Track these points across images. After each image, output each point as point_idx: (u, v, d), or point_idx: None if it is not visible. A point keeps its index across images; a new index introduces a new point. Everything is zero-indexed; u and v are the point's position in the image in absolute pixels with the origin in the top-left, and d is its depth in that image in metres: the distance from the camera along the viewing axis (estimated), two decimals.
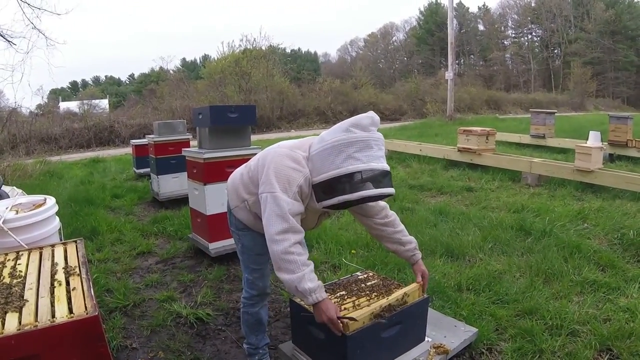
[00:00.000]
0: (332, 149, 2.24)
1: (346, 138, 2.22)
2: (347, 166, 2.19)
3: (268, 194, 2.31)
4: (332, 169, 2.22)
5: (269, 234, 2.28)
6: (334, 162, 2.22)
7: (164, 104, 24.99)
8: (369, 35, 76.38)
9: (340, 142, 2.23)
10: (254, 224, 2.71)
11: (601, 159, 8.09)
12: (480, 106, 36.60)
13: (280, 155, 2.39)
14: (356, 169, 2.18)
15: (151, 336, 3.60)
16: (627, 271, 4.37)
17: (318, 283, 2.32)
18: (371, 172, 2.19)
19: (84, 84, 72.59)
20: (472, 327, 3.25)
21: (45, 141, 19.07)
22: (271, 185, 2.31)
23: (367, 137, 2.24)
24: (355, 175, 2.17)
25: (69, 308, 1.83)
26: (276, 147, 2.51)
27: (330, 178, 2.22)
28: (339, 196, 2.21)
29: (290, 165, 2.34)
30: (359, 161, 2.19)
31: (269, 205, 2.30)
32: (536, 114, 14.05)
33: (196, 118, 5.12)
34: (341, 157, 2.21)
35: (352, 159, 2.19)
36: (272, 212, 2.28)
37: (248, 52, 27.55)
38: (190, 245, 5.54)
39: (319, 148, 2.30)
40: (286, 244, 2.25)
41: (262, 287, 2.89)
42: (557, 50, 65.32)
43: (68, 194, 8.16)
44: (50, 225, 3.22)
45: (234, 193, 2.76)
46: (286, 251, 2.25)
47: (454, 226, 5.78)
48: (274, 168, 2.34)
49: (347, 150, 2.21)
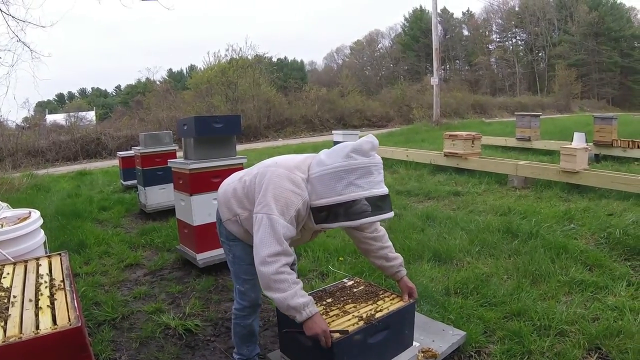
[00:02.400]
0: (334, 175, 2.26)
1: (347, 165, 2.25)
2: (349, 193, 2.22)
3: (264, 215, 2.31)
4: (333, 195, 2.25)
5: (260, 256, 2.29)
6: (334, 188, 2.25)
7: (151, 115, 24.98)
8: (354, 42, 76.75)
9: (341, 169, 2.25)
10: (245, 237, 2.72)
11: (586, 159, 8.16)
12: (467, 111, 36.86)
13: (279, 177, 2.38)
14: (359, 196, 2.21)
15: (140, 348, 3.58)
16: (614, 270, 4.41)
17: (309, 298, 2.34)
18: (372, 198, 2.23)
19: (70, 96, 72.22)
20: (460, 331, 3.26)
21: (32, 154, 18.98)
22: (269, 207, 2.31)
23: (367, 163, 2.26)
24: (357, 202, 2.21)
25: (53, 320, 1.83)
26: (274, 165, 2.50)
27: (332, 204, 2.26)
28: (341, 222, 2.26)
29: (289, 188, 2.34)
30: (360, 188, 2.23)
31: (263, 227, 2.30)
32: (521, 116, 14.16)
33: (181, 129, 5.12)
34: (342, 183, 2.24)
35: (353, 185, 2.23)
36: (266, 233, 2.29)
37: (234, 62, 27.62)
38: (178, 256, 5.52)
39: (319, 172, 2.32)
40: (277, 265, 2.26)
41: (254, 298, 2.86)
42: (542, 54, 66.00)
43: (55, 207, 8.12)
44: (35, 238, 3.21)
45: (225, 206, 2.74)
46: (277, 272, 2.26)
47: (441, 230, 5.80)
48: (272, 189, 2.34)
49: (348, 177, 2.24)
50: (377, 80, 66.21)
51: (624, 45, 60.84)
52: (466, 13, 72.06)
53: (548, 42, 63.90)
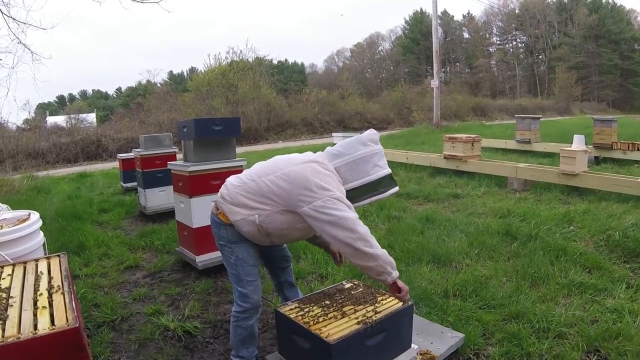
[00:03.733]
0: (362, 160, 2.71)
1: (370, 150, 2.74)
2: (376, 172, 2.72)
3: (329, 197, 2.56)
4: (365, 177, 2.70)
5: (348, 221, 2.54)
6: (365, 170, 2.70)
7: (151, 118, 24.96)
8: (355, 45, 76.70)
9: (367, 154, 2.73)
10: (255, 236, 2.79)
11: (586, 162, 8.16)
12: (467, 113, 36.90)
13: (316, 170, 2.64)
14: (384, 173, 2.74)
15: (139, 350, 3.58)
16: (613, 272, 4.41)
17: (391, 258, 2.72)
18: (388, 175, 2.76)
19: (71, 98, 72.20)
20: (458, 333, 3.27)
21: (33, 156, 18.98)
22: (328, 191, 2.57)
23: (380, 149, 2.80)
24: (384, 179, 2.74)
25: (51, 320, 1.84)
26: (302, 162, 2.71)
27: (366, 183, 2.70)
28: (373, 197, 2.76)
29: (332, 177, 2.66)
30: (382, 168, 2.75)
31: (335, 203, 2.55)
32: (521, 119, 14.15)
33: (181, 131, 5.13)
34: (369, 165, 2.72)
35: (377, 167, 2.73)
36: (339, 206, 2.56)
37: (235, 64, 27.62)
38: (177, 258, 5.52)
39: (344, 161, 2.71)
40: (363, 227, 2.61)
41: (257, 300, 2.89)
42: (542, 56, 66.09)
43: (55, 209, 8.12)
44: (34, 240, 3.21)
45: (240, 206, 2.74)
46: (368, 231, 2.62)
47: (440, 233, 5.80)
48: (318, 179, 2.60)
49: (372, 160, 2.73)
50: (377, 82, 66.21)
51: (624, 47, 60.94)
52: (466, 16, 72.18)
53: (548, 44, 63.97)
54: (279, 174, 2.67)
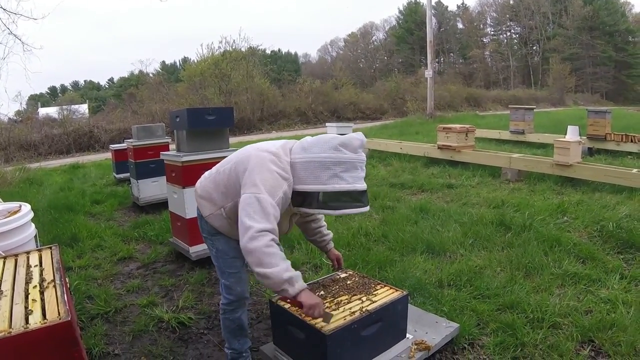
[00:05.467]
0: (320, 164, 2.34)
1: (335, 157, 2.33)
2: (333, 184, 2.32)
3: (252, 194, 2.33)
4: (317, 184, 2.34)
5: (249, 233, 2.27)
6: (319, 177, 2.34)
7: (144, 108, 24.84)
8: (349, 35, 76.56)
9: (328, 160, 2.34)
10: (228, 230, 2.72)
11: (580, 153, 8.18)
12: (461, 104, 36.86)
13: (265, 160, 2.41)
14: (342, 188, 2.32)
15: (133, 342, 3.57)
16: (607, 263, 4.43)
17: (295, 271, 2.36)
18: (354, 192, 2.34)
19: (63, 89, 71.90)
20: (453, 323, 3.27)
21: (25, 148, 18.86)
22: (257, 188, 2.33)
23: (354, 159, 2.37)
24: (340, 194, 2.32)
25: (43, 314, 1.82)
26: (256, 150, 2.52)
27: (314, 192, 2.34)
28: (322, 209, 2.36)
29: (276, 171, 2.38)
30: (344, 181, 2.33)
31: (251, 206, 2.31)
32: (515, 110, 14.17)
33: (174, 121, 5.09)
34: (327, 173, 2.33)
35: (338, 177, 2.32)
36: (254, 211, 2.30)
37: (228, 54, 27.48)
38: (171, 249, 5.50)
39: (304, 158, 2.39)
40: (267, 239, 2.27)
41: (240, 292, 2.85)
42: (536, 47, 66.10)
43: (48, 200, 8.08)
44: (25, 232, 3.19)
45: (207, 201, 2.74)
46: (267, 245, 2.27)
47: (434, 223, 5.80)
48: (259, 172, 2.38)
49: (334, 169, 2.33)
50: (371, 72, 66.16)
51: (618, 39, 60.97)
52: (461, 6, 72.19)
53: (542, 35, 63.96)
54: (234, 162, 2.60)
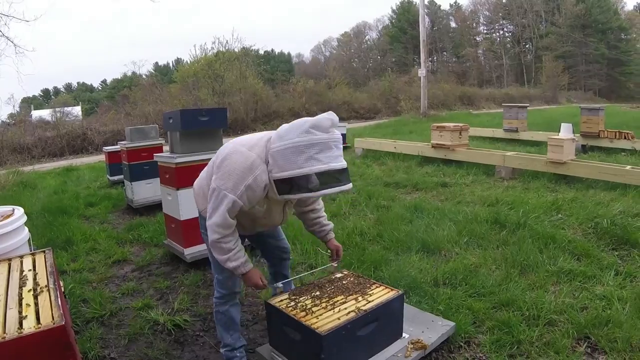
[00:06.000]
0: (294, 149, 2.35)
1: (308, 140, 2.34)
2: (309, 167, 2.32)
3: (216, 187, 2.55)
4: (295, 168, 2.34)
5: (208, 223, 2.60)
6: (295, 162, 2.34)
7: (137, 110, 24.74)
8: (342, 34, 76.58)
9: (301, 144, 2.34)
10: None
11: (573, 150, 8.19)
12: (454, 102, 36.88)
13: (235, 153, 2.55)
14: (318, 169, 2.32)
15: (129, 345, 3.56)
16: (602, 259, 4.44)
17: (241, 260, 2.69)
18: (332, 171, 2.35)
19: (56, 91, 71.57)
20: (449, 321, 3.27)
21: (18, 151, 18.74)
22: (221, 181, 2.53)
23: (327, 138, 2.37)
24: (317, 175, 2.32)
25: (37, 319, 1.81)
26: (234, 143, 2.67)
27: (293, 177, 2.35)
28: (303, 193, 2.37)
29: (242, 166, 2.49)
30: (320, 162, 2.33)
31: (213, 199, 2.57)
32: (509, 108, 14.21)
33: (167, 122, 5.07)
34: (303, 157, 2.34)
35: (313, 159, 2.32)
36: (214, 205, 2.57)
37: (221, 55, 27.42)
38: (165, 251, 5.48)
39: (280, 146, 2.41)
40: (217, 235, 2.59)
41: (232, 286, 2.97)
42: (529, 45, 66.24)
43: (41, 204, 8.04)
44: (19, 236, 3.17)
45: (202, 197, 2.88)
46: (217, 241, 2.61)
47: (429, 222, 5.80)
48: (226, 165, 2.54)
49: (308, 152, 2.33)
50: (364, 72, 66.17)
51: (611, 37, 61.08)
52: (453, 5, 72.20)
53: (535, 33, 64.09)
54: (217, 155, 2.74)
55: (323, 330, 2.39)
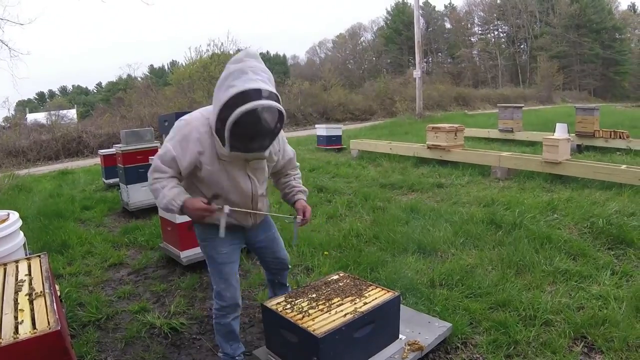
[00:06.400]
0: (217, 89, 2.44)
1: (223, 75, 2.42)
2: (227, 95, 2.32)
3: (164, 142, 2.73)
4: (219, 105, 2.37)
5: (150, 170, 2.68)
6: (220, 98, 2.37)
7: (132, 112, 24.67)
8: (337, 36, 76.54)
9: (220, 81, 2.43)
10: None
11: (569, 150, 8.22)
12: (449, 103, 36.95)
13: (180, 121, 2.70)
14: (235, 91, 2.30)
15: (125, 349, 3.55)
16: (598, 259, 4.46)
17: (176, 191, 2.60)
18: (249, 91, 2.31)
19: (51, 94, 71.32)
20: (446, 322, 3.28)
21: (13, 154, 18.67)
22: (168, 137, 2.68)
23: (240, 66, 2.39)
24: (233, 98, 2.30)
25: (33, 324, 1.80)
26: None
27: (218, 112, 2.38)
28: (231, 119, 2.31)
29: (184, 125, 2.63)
30: (234, 87, 2.32)
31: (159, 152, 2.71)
32: (504, 108, 14.23)
33: (162, 125, 5.08)
34: (222, 90, 2.38)
35: (230, 87, 2.33)
36: (157, 155, 2.70)
37: (216, 57, 27.39)
38: (161, 254, 5.47)
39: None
40: (151, 177, 2.65)
41: (230, 298, 2.88)
42: (524, 46, 66.40)
43: (37, 207, 8.00)
44: (14, 240, 3.16)
45: None
46: (151, 182, 2.66)
47: (425, 223, 5.80)
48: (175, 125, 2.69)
49: (225, 83, 2.38)
50: (359, 73, 66.12)
51: (605, 37, 61.25)
52: (448, 6, 72.32)
53: (530, 34, 64.27)
54: None
55: (319, 333, 2.39)
